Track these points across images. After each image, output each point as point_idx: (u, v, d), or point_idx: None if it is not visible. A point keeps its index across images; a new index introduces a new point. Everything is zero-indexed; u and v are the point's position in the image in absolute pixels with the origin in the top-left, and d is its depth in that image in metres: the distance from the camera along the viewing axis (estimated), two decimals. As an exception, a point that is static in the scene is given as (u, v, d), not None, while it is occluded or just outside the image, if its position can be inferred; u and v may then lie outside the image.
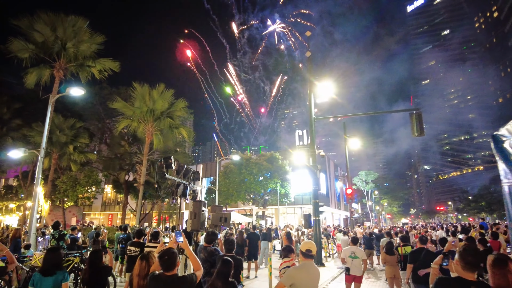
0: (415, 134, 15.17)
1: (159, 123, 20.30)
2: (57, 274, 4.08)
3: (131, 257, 7.62)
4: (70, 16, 15.17)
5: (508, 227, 2.33)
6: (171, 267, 3.00)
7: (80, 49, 15.41)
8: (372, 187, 62.06)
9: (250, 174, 30.20)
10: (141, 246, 7.72)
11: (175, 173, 7.12)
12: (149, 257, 3.74)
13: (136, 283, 3.51)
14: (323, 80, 19.38)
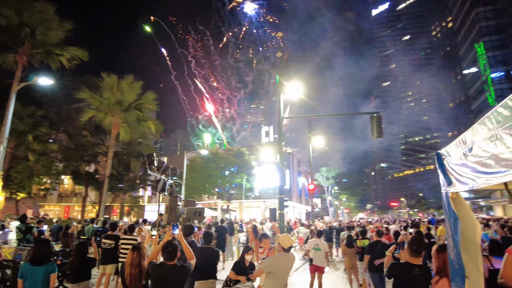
0: (375, 135, 16.23)
1: (127, 115, 19.95)
2: (47, 265, 4.27)
3: (106, 249, 7.77)
4: (38, 2, 14.46)
5: (445, 222, 3.03)
6: (173, 258, 3.41)
7: (48, 36, 14.77)
8: (332, 183, 64.73)
9: (217, 168, 30.52)
10: (116, 239, 7.88)
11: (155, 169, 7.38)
12: (140, 248, 4.06)
13: (128, 271, 3.80)
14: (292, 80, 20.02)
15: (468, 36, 75.79)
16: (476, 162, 2.22)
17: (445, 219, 3.00)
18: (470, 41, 75.06)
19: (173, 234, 3.91)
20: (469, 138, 2.37)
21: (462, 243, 2.77)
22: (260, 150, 27.61)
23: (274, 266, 4.31)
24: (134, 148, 28.01)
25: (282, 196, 16.93)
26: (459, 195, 2.91)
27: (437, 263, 3.50)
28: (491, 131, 1.95)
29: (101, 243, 7.79)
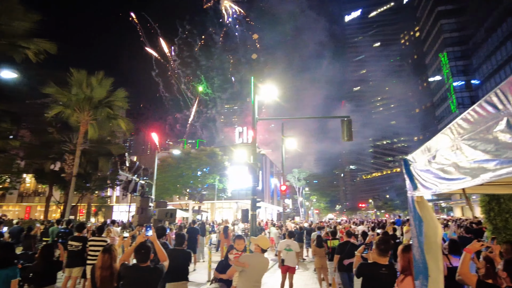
0: (345, 139, 16.72)
1: (96, 112, 19.26)
2: (8, 269, 4.09)
3: (73, 252, 7.45)
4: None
5: (410, 224, 3.23)
6: (146, 259, 3.38)
7: (11, 26, 13.97)
8: (304, 184, 65.79)
9: (189, 168, 30.10)
10: (84, 241, 7.59)
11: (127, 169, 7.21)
12: (112, 249, 3.98)
13: (99, 274, 3.73)
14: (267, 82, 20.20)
15: (434, 45, 79.85)
16: (438, 169, 2.39)
17: (411, 221, 3.20)
18: (435, 51, 79.11)
19: (146, 236, 3.88)
20: (433, 146, 2.55)
21: (425, 244, 2.97)
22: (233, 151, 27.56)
23: (250, 262, 4.41)
24: (103, 147, 27.07)
25: (254, 197, 17.06)
26: (423, 198, 3.11)
27: (402, 262, 3.72)
28: (452, 141, 2.12)
29: (67, 245, 7.47)
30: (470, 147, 1.85)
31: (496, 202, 6.68)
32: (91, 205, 38.37)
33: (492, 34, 57.12)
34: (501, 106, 1.49)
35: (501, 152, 1.53)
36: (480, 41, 61.48)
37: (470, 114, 1.83)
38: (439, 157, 2.39)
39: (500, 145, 1.53)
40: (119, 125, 21.18)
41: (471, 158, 1.85)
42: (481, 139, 1.71)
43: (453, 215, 51.32)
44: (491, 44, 57.64)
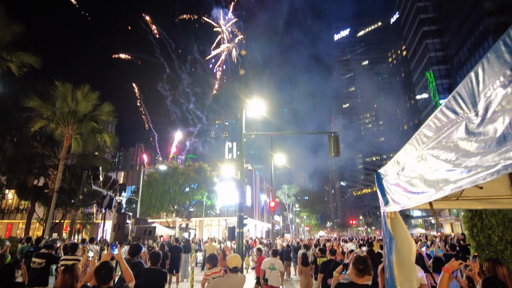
0: (332, 154, 16.65)
1: (81, 126, 18.89)
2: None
3: (35, 270, 6.88)
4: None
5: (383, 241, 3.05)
6: (107, 280, 3.12)
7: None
8: (293, 200, 65.33)
9: (176, 184, 29.54)
10: (48, 257, 7.06)
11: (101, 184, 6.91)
12: (73, 269, 3.70)
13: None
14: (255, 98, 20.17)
15: (420, 64, 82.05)
16: (406, 182, 2.25)
17: (383, 239, 3.02)
18: (421, 69, 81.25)
19: (112, 254, 3.63)
20: (402, 158, 2.41)
21: (398, 262, 2.78)
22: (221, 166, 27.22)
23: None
24: (89, 162, 26.51)
25: (241, 213, 16.73)
26: (397, 214, 2.95)
27: (382, 282, 3.50)
28: (418, 151, 1.98)
29: (30, 263, 6.92)
30: (433, 157, 1.71)
31: (479, 218, 6.56)
32: (75, 222, 37.26)
33: (475, 53, 59.09)
34: (459, 110, 1.37)
35: (460, 161, 1.39)
36: (464, 60, 63.46)
37: (432, 121, 1.70)
38: (407, 169, 2.25)
39: (460, 153, 1.39)
40: (105, 140, 20.82)
41: (435, 169, 1.71)
42: (443, 147, 1.58)
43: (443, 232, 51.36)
44: (474, 63, 59.45)
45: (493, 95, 1.07)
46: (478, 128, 1.20)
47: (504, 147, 1.03)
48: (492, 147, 1.09)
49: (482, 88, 1.14)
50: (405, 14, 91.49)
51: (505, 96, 1.00)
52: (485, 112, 1.13)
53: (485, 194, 3.22)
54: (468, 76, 1.22)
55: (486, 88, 1.10)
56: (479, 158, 1.21)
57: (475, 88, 1.19)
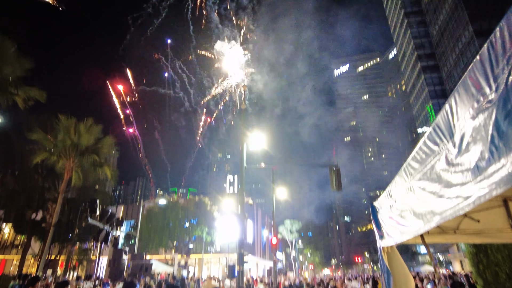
0: (334, 188, 16.50)
1: (82, 159, 18.99)
2: None
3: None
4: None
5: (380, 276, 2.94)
6: None
7: (3, 72, 14.23)
8: (296, 237, 63.69)
9: (175, 219, 29.00)
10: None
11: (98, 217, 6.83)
12: None
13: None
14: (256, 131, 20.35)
15: (419, 98, 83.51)
16: (398, 215, 2.22)
17: (381, 274, 2.93)
18: (421, 103, 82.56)
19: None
20: (393, 190, 2.40)
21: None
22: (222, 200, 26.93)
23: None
24: (89, 195, 26.29)
25: (242, 250, 16.25)
26: (394, 248, 2.88)
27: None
28: (407, 183, 1.98)
29: None
30: (421, 189, 1.71)
31: (484, 254, 6.34)
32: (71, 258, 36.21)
33: (473, 89, 60.19)
34: (439, 141, 1.39)
35: (444, 192, 1.39)
36: (462, 95, 64.51)
37: (417, 153, 1.72)
38: (398, 202, 2.23)
39: (443, 184, 1.40)
40: (105, 173, 20.81)
41: (422, 201, 1.71)
42: (428, 179, 1.58)
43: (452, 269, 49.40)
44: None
45: (465, 127, 1.09)
46: (456, 159, 1.21)
47: (478, 177, 1.04)
48: (469, 178, 1.10)
49: (456, 120, 1.17)
50: (402, 50, 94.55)
51: (475, 128, 1.02)
52: (461, 143, 1.15)
53: (483, 227, 3.15)
54: (444, 108, 1.25)
55: (460, 120, 1.13)
56: (459, 189, 1.21)
57: (451, 120, 1.22)
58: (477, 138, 1.07)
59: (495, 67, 1.00)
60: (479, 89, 1.02)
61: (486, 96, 0.99)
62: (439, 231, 2.90)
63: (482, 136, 0.99)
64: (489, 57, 1.06)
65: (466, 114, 1.14)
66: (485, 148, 0.98)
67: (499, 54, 1.00)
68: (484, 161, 1.00)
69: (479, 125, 1.04)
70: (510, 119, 0.94)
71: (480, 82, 1.03)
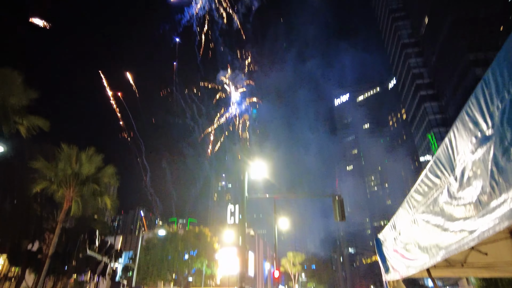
0: (337, 219, 16.23)
1: (82, 188, 18.89)
2: None
3: None
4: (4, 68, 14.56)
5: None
6: None
7: (8, 101, 14.53)
8: (300, 270, 61.76)
9: (175, 250, 28.27)
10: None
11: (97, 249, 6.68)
12: None
13: None
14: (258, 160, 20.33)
15: (420, 127, 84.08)
16: (403, 248, 2.18)
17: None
18: (422, 131, 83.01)
19: None
20: (397, 222, 2.37)
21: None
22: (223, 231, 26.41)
23: None
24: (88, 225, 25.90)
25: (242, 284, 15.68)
26: (400, 283, 2.80)
27: None
28: (410, 215, 1.96)
29: None
30: (424, 222, 1.69)
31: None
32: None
33: (473, 118, 60.78)
34: (441, 175, 1.39)
35: (448, 225, 1.38)
36: (463, 124, 65.03)
37: (420, 186, 1.72)
38: (402, 235, 2.20)
39: (446, 217, 1.39)
40: (105, 203, 20.62)
41: (427, 234, 1.68)
42: (431, 212, 1.57)
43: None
44: (473, 127, 60.77)
45: (466, 161, 1.10)
46: (458, 192, 1.22)
47: (481, 211, 1.04)
48: (472, 212, 1.09)
49: (456, 154, 1.19)
50: (402, 80, 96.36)
51: (474, 162, 1.03)
52: (462, 177, 1.16)
53: (491, 261, 3.06)
54: (444, 142, 1.28)
55: (460, 154, 1.15)
56: (462, 223, 1.21)
57: (451, 153, 1.24)
58: (477, 173, 1.08)
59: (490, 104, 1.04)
60: (477, 125, 1.05)
61: (483, 132, 1.02)
62: (446, 264, 2.83)
63: (482, 170, 1.01)
64: (484, 95, 1.10)
65: (465, 148, 1.16)
66: (485, 183, 0.99)
67: (493, 92, 1.04)
68: (485, 196, 1.01)
69: (478, 160, 1.06)
70: (508, 155, 0.96)
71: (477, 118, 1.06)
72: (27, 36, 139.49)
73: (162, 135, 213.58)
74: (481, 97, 1.09)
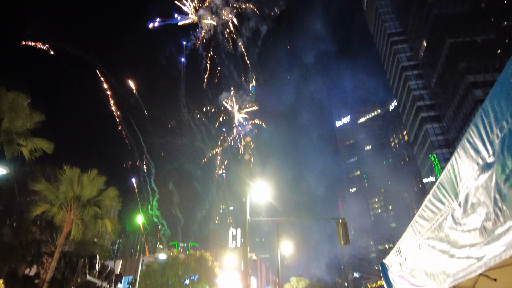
0: (341, 243, 15.91)
1: (83, 211, 18.73)
2: None
3: None
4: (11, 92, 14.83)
5: None
6: None
7: (13, 125, 14.69)
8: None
9: (175, 275, 27.62)
10: None
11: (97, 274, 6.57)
12: None
13: None
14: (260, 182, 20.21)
15: (423, 148, 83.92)
16: (409, 274, 2.14)
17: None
18: (425, 153, 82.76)
19: None
20: (403, 247, 2.34)
21: None
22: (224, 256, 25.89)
23: None
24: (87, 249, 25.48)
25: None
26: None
27: None
28: (415, 240, 1.94)
29: None
30: (430, 247, 1.67)
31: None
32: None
33: (475, 139, 60.87)
34: (445, 200, 1.39)
35: (454, 252, 1.36)
36: (466, 145, 65.05)
37: (424, 210, 1.71)
38: (408, 260, 2.16)
39: (452, 243, 1.37)
40: (106, 226, 20.37)
41: (433, 260, 1.66)
42: (437, 237, 1.56)
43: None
44: (476, 148, 60.70)
45: (469, 188, 1.11)
46: (462, 218, 1.21)
47: (486, 238, 1.03)
48: (477, 238, 1.09)
49: (459, 180, 1.19)
50: (402, 102, 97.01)
51: (477, 188, 1.04)
52: (466, 203, 1.16)
53: (501, 287, 2.99)
54: (446, 168, 1.29)
55: (463, 180, 1.16)
56: (469, 250, 1.19)
57: (454, 179, 1.25)
58: (481, 200, 1.08)
59: (489, 133, 1.06)
60: (478, 152, 1.07)
61: (485, 159, 1.04)
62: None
63: (485, 197, 1.01)
64: (483, 123, 1.12)
65: (468, 175, 1.16)
66: (489, 210, 1.00)
67: (492, 121, 1.06)
68: (490, 223, 1.01)
69: (481, 187, 1.06)
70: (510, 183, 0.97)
71: (477, 145, 1.08)
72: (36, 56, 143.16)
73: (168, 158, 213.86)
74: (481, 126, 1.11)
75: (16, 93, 15.44)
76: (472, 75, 62.09)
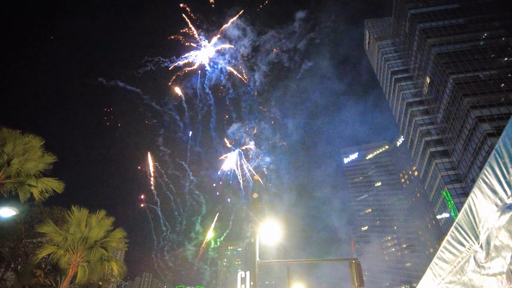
0: (355, 284, 15.22)
1: (90, 253, 18.33)
2: None
3: None
4: (26, 135, 15.21)
5: None
6: None
7: (25, 166, 14.90)
8: None
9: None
10: None
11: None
12: None
13: None
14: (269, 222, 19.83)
15: (434, 183, 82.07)
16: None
17: None
18: (436, 188, 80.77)
19: None
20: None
21: None
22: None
23: None
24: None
25: None
26: None
27: None
28: (437, 284, 1.87)
29: None
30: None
31: None
32: None
33: (486, 172, 59.77)
34: (465, 242, 1.36)
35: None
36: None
37: (443, 252, 1.66)
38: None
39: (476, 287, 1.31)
40: (112, 268, 19.82)
41: (457, 307, 1.57)
42: (459, 281, 1.50)
43: None
44: (490, 183, 59.38)
45: (489, 229, 1.09)
46: (486, 262, 1.18)
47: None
48: (504, 283, 1.04)
49: (478, 221, 1.17)
50: (410, 138, 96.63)
51: (499, 230, 1.02)
52: (488, 246, 1.13)
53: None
54: (463, 209, 1.27)
55: (482, 221, 1.14)
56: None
57: (472, 220, 1.22)
58: (504, 242, 1.05)
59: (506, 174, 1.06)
60: (495, 193, 1.06)
61: (503, 200, 1.03)
62: None
63: (509, 240, 0.99)
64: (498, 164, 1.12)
65: (487, 216, 1.15)
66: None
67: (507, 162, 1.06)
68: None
69: (504, 229, 1.04)
70: (534, 226, 0.95)
71: (494, 186, 1.08)
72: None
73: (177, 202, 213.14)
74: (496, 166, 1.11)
75: (30, 136, 15.83)
76: (478, 110, 62.31)
